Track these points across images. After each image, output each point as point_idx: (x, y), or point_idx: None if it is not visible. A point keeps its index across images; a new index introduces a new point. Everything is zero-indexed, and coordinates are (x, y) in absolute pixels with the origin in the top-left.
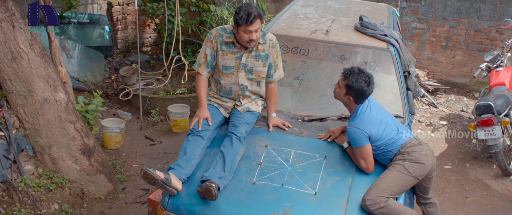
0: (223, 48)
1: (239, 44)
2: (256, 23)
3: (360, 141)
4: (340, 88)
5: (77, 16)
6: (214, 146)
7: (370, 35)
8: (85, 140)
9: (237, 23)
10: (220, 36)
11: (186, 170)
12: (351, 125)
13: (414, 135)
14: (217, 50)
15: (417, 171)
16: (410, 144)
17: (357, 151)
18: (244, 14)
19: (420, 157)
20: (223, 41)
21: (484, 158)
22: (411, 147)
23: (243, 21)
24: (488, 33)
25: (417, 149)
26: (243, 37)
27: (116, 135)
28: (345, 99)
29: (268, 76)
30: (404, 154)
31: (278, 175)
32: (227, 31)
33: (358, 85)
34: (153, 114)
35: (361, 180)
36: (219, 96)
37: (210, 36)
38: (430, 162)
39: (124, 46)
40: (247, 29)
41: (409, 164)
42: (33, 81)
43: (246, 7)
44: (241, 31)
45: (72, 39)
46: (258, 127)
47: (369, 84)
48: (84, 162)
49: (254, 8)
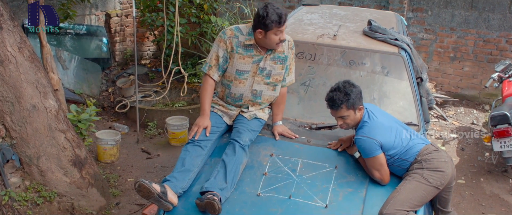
0: (240, 51)
1: (260, 47)
2: (286, 22)
3: (371, 151)
4: (347, 115)
5: (74, 27)
6: (215, 155)
7: (379, 39)
8: (77, 151)
9: (268, 28)
10: (235, 37)
11: (183, 183)
12: (359, 134)
13: (430, 141)
14: (231, 52)
15: (437, 180)
16: (427, 150)
17: (369, 162)
18: (275, 16)
19: (439, 165)
20: (240, 43)
21: (498, 172)
22: (428, 154)
23: (275, 24)
24: (497, 44)
25: (435, 156)
26: (273, 39)
27: (111, 147)
28: (358, 115)
29: (281, 80)
30: (421, 162)
31: (285, 186)
32: (244, 32)
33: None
34: (151, 127)
35: (376, 191)
36: (225, 103)
37: (224, 36)
38: (450, 169)
39: (122, 59)
40: (279, 30)
41: (428, 172)
42: (21, 86)
43: (272, 9)
44: (271, 34)
45: (69, 50)
46: (262, 136)
47: (354, 86)
48: (74, 175)
49: (279, 8)
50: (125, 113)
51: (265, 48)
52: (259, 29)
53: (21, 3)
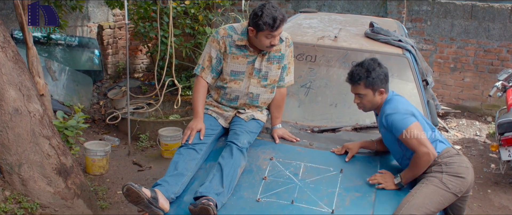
0: (233, 51)
1: (253, 47)
2: (281, 27)
3: (406, 121)
4: (364, 94)
5: (66, 38)
6: (211, 160)
7: (383, 41)
8: (62, 159)
9: (259, 28)
10: (229, 37)
11: (175, 187)
12: (387, 111)
13: (451, 144)
14: (225, 53)
15: (457, 187)
16: (448, 153)
17: (408, 134)
18: (269, 18)
19: (460, 170)
20: (234, 43)
21: (506, 183)
22: (449, 157)
23: (267, 27)
24: (498, 53)
25: (456, 160)
26: (263, 42)
27: (100, 159)
28: (377, 98)
29: (279, 80)
30: (441, 165)
31: (287, 191)
32: (238, 32)
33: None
34: (143, 139)
35: (386, 195)
36: (220, 104)
37: (217, 36)
38: (471, 176)
39: (114, 71)
40: (271, 34)
41: (447, 177)
42: (3, 88)
43: (268, 9)
44: (262, 36)
45: (59, 61)
46: (261, 139)
47: (379, 65)
48: (59, 184)
49: (278, 11)
50: (116, 126)
51: (258, 48)
52: (251, 27)
53: (10, 12)
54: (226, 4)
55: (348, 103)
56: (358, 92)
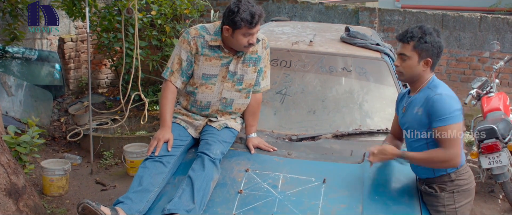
0: (206, 52)
1: (227, 49)
2: (259, 24)
3: (457, 117)
4: (408, 57)
5: (23, 51)
6: (180, 173)
7: (360, 45)
8: (13, 178)
9: (236, 26)
10: (200, 37)
11: (140, 205)
12: (439, 92)
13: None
14: (196, 54)
15: (466, 210)
16: (464, 169)
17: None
18: (246, 14)
19: (472, 192)
20: (206, 44)
21: (486, 193)
22: (464, 174)
23: (245, 23)
24: (470, 62)
25: (470, 180)
26: (240, 41)
27: (59, 178)
28: (420, 68)
29: (254, 84)
30: (454, 181)
31: (265, 204)
32: (210, 32)
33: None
34: (107, 156)
35: (374, 206)
36: (189, 112)
37: (188, 37)
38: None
39: (76, 87)
40: (249, 32)
41: (459, 198)
42: None
43: (245, 5)
44: (239, 34)
45: (16, 76)
46: (235, 149)
47: (438, 35)
48: (9, 207)
49: (255, 6)
50: (78, 143)
51: (233, 50)
52: (226, 25)
53: None
54: (195, 16)
55: (328, 110)
56: (403, 52)
